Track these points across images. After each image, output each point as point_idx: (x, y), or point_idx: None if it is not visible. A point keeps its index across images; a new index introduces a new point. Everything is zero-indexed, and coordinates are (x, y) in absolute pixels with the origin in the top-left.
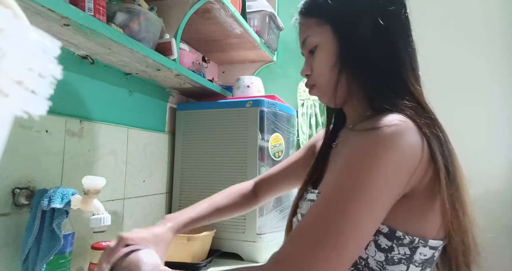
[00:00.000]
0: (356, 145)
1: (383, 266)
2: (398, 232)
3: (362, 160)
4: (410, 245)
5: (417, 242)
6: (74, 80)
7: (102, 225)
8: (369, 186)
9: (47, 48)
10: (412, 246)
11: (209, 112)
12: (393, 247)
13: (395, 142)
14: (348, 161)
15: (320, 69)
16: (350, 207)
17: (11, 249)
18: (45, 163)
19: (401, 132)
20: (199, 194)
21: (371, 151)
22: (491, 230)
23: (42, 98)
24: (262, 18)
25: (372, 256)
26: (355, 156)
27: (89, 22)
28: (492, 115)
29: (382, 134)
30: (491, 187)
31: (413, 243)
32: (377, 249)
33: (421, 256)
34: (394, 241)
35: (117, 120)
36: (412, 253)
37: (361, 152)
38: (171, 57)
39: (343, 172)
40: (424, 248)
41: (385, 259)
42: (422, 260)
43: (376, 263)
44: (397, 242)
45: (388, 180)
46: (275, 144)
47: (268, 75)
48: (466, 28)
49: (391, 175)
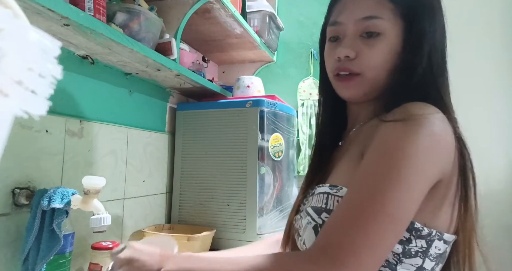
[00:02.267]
0: (389, 134)
1: (400, 258)
2: (417, 224)
3: (397, 148)
4: (427, 237)
5: (434, 235)
6: (74, 80)
7: (102, 225)
8: (407, 173)
9: (47, 48)
10: (429, 239)
11: (209, 112)
12: (411, 239)
13: (429, 129)
14: (382, 150)
15: (375, 62)
16: (389, 195)
17: (11, 249)
18: (45, 163)
19: (434, 119)
20: (199, 194)
21: (405, 138)
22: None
23: (42, 98)
24: (262, 18)
25: None
26: (389, 144)
27: (89, 22)
28: (492, 115)
29: (416, 121)
30: (491, 187)
31: (430, 236)
32: None
33: (436, 250)
34: (412, 232)
35: (117, 120)
36: (428, 246)
37: (395, 140)
38: (171, 57)
39: (377, 161)
40: (439, 242)
41: (403, 251)
42: (437, 255)
43: (393, 256)
44: (415, 233)
45: (424, 166)
46: (275, 144)
47: (268, 75)
48: (466, 28)
49: (427, 162)
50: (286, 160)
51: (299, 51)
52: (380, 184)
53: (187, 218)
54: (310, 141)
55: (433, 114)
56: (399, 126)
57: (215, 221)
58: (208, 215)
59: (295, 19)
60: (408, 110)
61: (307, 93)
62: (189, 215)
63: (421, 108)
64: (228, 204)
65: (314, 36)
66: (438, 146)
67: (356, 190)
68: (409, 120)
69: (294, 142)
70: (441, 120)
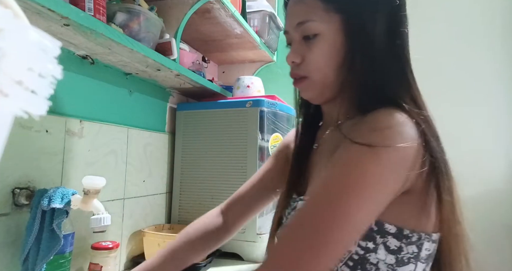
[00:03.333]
0: (350, 146)
1: (394, 268)
2: (406, 230)
3: (357, 160)
4: (417, 242)
5: (423, 238)
6: (74, 80)
7: (102, 225)
8: (363, 184)
9: (47, 48)
10: (419, 243)
11: (209, 112)
12: (402, 247)
13: (393, 140)
14: (342, 161)
15: (318, 63)
16: (342, 204)
17: (11, 249)
18: (45, 163)
19: (398, 128)
20: (199, 194)
21: (367, 151)
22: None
23: (42, 98)
24: (262, 18)
25: (383, 260)
26: (350, 156)
27: (89, 22)
28: (492, 115)
29: (379, 134)
30: (491, 187)
31: (420, 240)
32: (387, 251)
33: (426, 252)
34: (402, 240)
35: (117, 120)
36: (419, 250)
37: (356, 153)
38: (171, 57)
39: (336, 170)
40: (428, 243)
41: (396, 261)
42: (427, 256)
43: (387, 267)
44: (405, 241)
45: (384, 178)
46: (275, 144)
47: (268, 75)
48: (466, 28)
49: (388, 173)
50: None
51: None
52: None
53: (187, 218)
54: None
55: (397, 120)
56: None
57: None
58: None
59: None
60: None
61: None
62: (189, 215)
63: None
64: None
65: None
66: (401, 158)
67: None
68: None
69: None
70: (405, 127)
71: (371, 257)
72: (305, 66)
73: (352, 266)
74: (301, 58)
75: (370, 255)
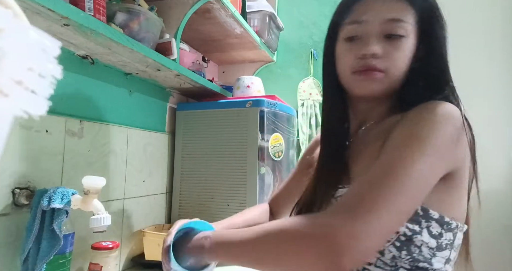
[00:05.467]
0: (410, 123)
1: (434, 252)
2: (447, 218)
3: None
4: (454, 230)
5: (458, 227)
6: (74, 80)
7: (102, 225)
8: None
9: (47, 48)
10: (455, 231)
11: (209, 112)
12: (442, 233)
13: (451, 119)
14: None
15: (400, 62)
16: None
17: (11, 249)
18: (45, 163)
19: (453, 112)
20: (199, 194)
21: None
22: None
23: (42, 98)
24: (262, 18)
25: (426, 242)
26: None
27: (89, 22)
28: (492, 115)
29: (438, 112)
30: (491, 187)
31: (457, 228)
32: (430, 235)
33: (458, 241)
34: (444, 226)
35: (117, 120)
36: (454, 238)
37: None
38: (171, 57)
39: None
40: (460, 233)
41: (436, 245)
42: (458, 245)
43: (428, 250)
44: (446, 227)
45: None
46: (275, 144)
47: (268, 75)
48: (465, 28)
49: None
50: (286, 160)
51: (299, 51)
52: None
53: (187, 218)
54: (310, 141)
55: (451, 107)
56: (420, 115)
57: (215, 221)
58: (208, 215)
59: (295, 19)
60: (431, 107)
61: (307, 93)
62: (189, 215)
63: (443, 106)
64: (228, 204)
65: (314, 36)
66: (458, 139)
67: (381, 161)
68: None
69: (294, 142)
70: (457, 114)
71: (417, 239)
72: (386, 61)
73: (399, 247)
74: (383, 53)
75: (416, 236)
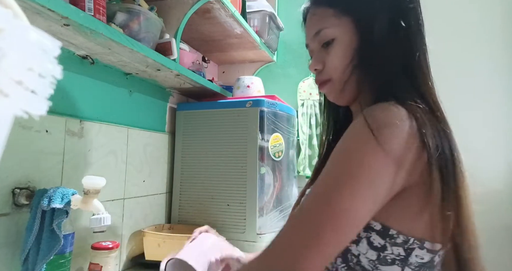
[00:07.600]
0: (342, 145)
1: (376, 265)
2: (392, 230)
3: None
4: (404, 245)
5: (412, 243)
6: (74, 80)
7: (102, 225)
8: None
9: (47, 48)
10: (407, 247)
11: (209, 112)
12: (386, 246)
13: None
14: (336, 164)
15: (336, 63)
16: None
17: (11, 249)
18: (45, 163)
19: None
20: (199, 194)
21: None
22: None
23: (42, 98)
24: (262, 18)
25: (364, 253)
26: (344, 146)
27: (89, 22)
28: (492, 115)
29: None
30: (491, 187)
31: (407, 244)
32: (369, 246)
33: (418, 259)
34: (387, 239)
35: (117, 120)
36: (408, 254)
37: (348, 153)
38: (171, 57)
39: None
40: (420, 251)
41: (377, 258)
42: (419, 264)
43: (368, 262)
44: (390, 240)
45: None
46: (275, 144)
47: (268, 75)
48: (466, 27)
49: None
50: (286, 160)
51: (299, 51)
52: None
53: (187, 218)
54: (310, 141)
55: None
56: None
57: (215, 221)
58: (208, 215)
59: (295, 19)
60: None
61: (307, 93)
62: (189, 215)
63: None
64: (228, 204)
65: None
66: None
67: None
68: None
69: (294, 142)
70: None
71: (352, 248)
72: (326, 70)
73: None
74: (322, 64)
75: (352, 246)
